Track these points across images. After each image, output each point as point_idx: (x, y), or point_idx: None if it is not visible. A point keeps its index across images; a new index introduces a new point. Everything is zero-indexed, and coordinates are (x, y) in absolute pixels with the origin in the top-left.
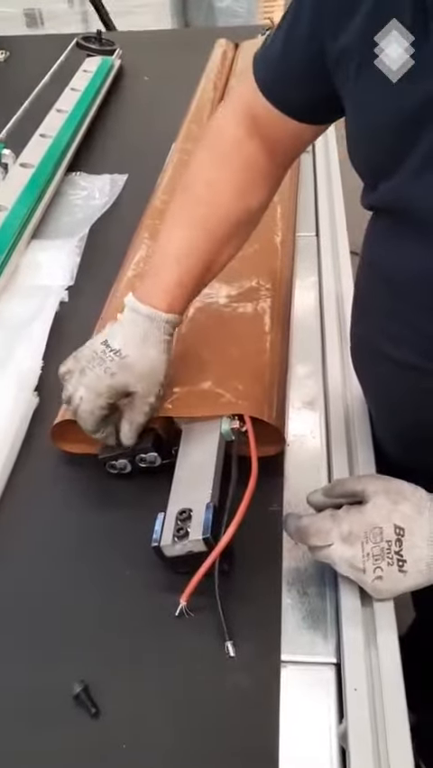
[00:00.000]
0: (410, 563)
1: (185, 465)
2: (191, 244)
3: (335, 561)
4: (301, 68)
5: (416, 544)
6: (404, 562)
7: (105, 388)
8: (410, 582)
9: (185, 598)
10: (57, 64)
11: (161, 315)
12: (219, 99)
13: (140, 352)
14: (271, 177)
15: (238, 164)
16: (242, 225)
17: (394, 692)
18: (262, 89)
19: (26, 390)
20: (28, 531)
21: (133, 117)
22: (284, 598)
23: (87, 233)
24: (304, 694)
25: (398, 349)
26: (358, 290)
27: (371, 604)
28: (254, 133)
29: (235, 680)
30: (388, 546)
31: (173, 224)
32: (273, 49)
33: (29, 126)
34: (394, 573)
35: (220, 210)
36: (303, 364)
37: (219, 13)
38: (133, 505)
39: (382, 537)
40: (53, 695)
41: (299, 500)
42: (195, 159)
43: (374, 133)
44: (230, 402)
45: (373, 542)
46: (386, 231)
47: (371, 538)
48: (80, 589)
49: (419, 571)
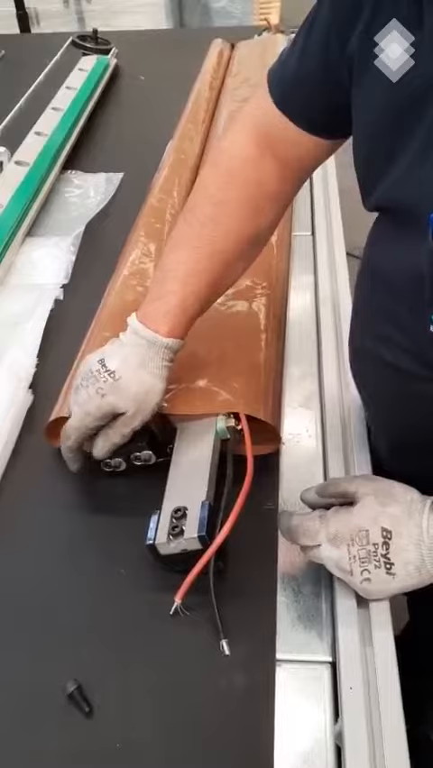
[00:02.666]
0: (399, 566)
1: (180, 463)
2: (197, 267)
3: (324, 561)
4: (317, 80)
5: (403, 547)
6: (392, 565)
7: (95, 408)
8: (400, 584)
9: (180, 596)
10: (52, 63)
11: (162, 341)
12: (215, 99)
13: (135, 376)
14: (281, 197)
15: (247, 183)
16: (249, 246)
17: (390, 691)
18: (278, 104)
19: (20, 388)
20: (21, 529)
21: (128, 116)
22: (279, 596)
23: (82, 232)
24: (299, 693)
25: (390, 351)
26: (355, 293)
27: (366, 603)
28: (266, 152)
29: (230, 678)
30: (375, 549)
31: (178, 245)
32: (288, 64)
33: (24, 124)
34: (382, 575)
35: (227, 231)
36: (299, 363)
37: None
38: (128, 503)
39: (368, 540)
40: (47, 694)
41: (294, 499)
42: (202, 178)
43: (373, 133)
44: (226, 400)
45: (359, 544)
46: (382, 231)
47: (357, 541)
48: (74, 587)
49: (408, 574)
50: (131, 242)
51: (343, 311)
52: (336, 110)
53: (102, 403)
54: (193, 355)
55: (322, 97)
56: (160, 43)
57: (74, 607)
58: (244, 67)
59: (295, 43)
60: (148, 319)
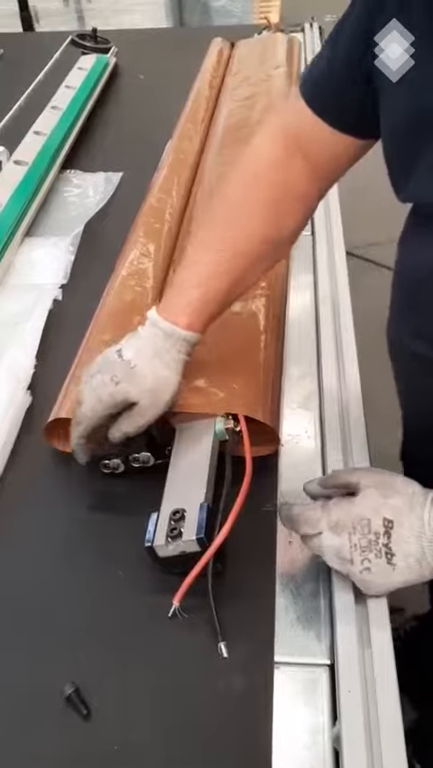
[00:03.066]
0: (399, 557)
1: (179, 465)
2: (218, 268)
3: (324, 551)
4: (346, 78)
5: (404, 538)
6: (393, 555)
7: (108, 395)
8: (401, 578)
9: (178, 598)
10: (52, 62)
11: (179, 333)
12: (215, 98)
13: (150, 366)
14: (308, 199)
15: (272, 186)
16: (273, 248)
17: (388, 694)
18: (308, 102)
19: (19, 389)
20: (19, 530)
21: (128, 115)
22: (278, 598)
23: (81, 232)
24: (297, 695)
25: (422, 344)
26: (392, 288)
27: (365, 605)
28: (296, 153)
29: (229, 681)
30: (376, 538)
31: (201, 245)
32: (319, 63)
33: (23, 124)
34: (383, 566)
35: (251, 234)
36: (298, 364)
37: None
38: (127, 504)
39: (369, 529)
40: (45, 696)
41: (293, 500)
42: (227, 181)
43: (394, 133)
44: (224, 400)
45: (360, 533)
46: (412, 227)
47: (358, 529)
48: (72, 589)
49: (408, 567)
50: (130, 242)
51: (342, 311)
52: (364, 109)
53: (115, 390)
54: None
55: (351, 96)
56: (159, 42)
57: (72, 609)
58: (244, 66)
59: (327, 42)
60: (167, 311)
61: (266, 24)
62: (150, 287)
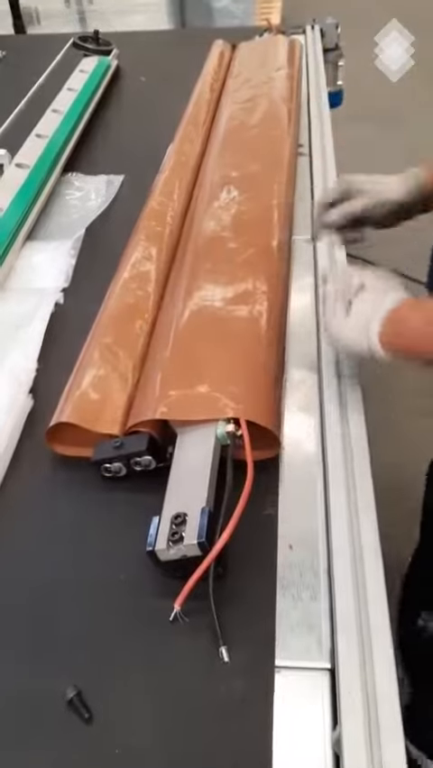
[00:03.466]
0: (354, 311)
1: (180, 469)
2: None
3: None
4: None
5: (366, 301)
6: (351, 307)
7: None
8: (350, 334)
9: (179, 602)
10: (53, 64)
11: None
12: (216, 101)
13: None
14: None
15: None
16: None
17: (388, 698)
18: None
19: (21, 393)
20: (21, 534)
21: (129, 118)
22: (278, 602)
23: (82, 235)
24: (298, 699)
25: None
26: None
27: (366, 609)
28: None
29: (230, 685)
30: (348, 290)
31: None
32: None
33: (25, 126)
34: (341, 313)
35: None
36: (299, 367)
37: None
38: (128, 508)
39: (351, 284)
40: (46, 700)
41: (294, 505)
42: None
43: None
44: (226, 406)
45: (343, 284)
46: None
47: (342, 281)
48: (74, 593)
49: (357, 323)
50: (131, 245)
51: None
52: None
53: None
54: (194, 360)
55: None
56: (161, 44)
57: (74, 613)
58: (245, 68)
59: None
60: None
61: (267, 26)
62: (151, 290)
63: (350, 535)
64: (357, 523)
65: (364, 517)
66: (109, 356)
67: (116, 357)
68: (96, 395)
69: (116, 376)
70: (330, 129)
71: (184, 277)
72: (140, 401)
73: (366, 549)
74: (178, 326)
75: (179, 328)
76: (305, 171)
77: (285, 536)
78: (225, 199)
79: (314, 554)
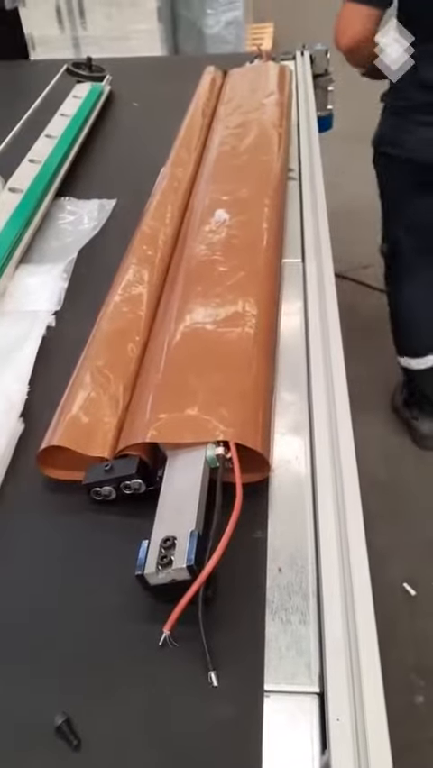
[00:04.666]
0: None
1: (169, 492)
2: None
3: None
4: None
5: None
6: None
7: None
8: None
9: (168, 627)
10: (47, 90)
11: None
12: (208, 126)
13: None
14: None
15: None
16: None
17: (377, 723)
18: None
19: (12, 416)
20: (11, 558)
21: (122, 143)
22: (267, 626)
23: (75, 258)
24: (287, 724)
25: None
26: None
27: (355, 633)
28: None
29: (219, 710)
30: None
31: None
32: None
33: (18, 151)
34: None
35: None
36: (288, 389)
37: (209, 40)
38: (118, 532)
39: None
40: (34, 727)
41: (283, 527)
42: None
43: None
44: (216, 428)
45: None
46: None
47: None
48: (63, 617)
49: None
50: (123, 269)
51: (332, 336)
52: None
53: None
54: (184, 383)
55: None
56: (153, 70)
57: (63, 638)
58: (236, 94)
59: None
60: None
61: (258, 53)
62: (143, 313)
63: (339, 558)
64: (347, 545)
65: (354, 539)
66: (100, 379)
67: (107, 380)
68: (87, 418)
69: (107, 399)
70: (319, 153)
71: (175, 300)
72: (130, 424)
73: (355, 572)
74: (168, 349)
75: (170, 351)
76: (295, 194)
77: (274, 559)
78: (216, 223)
79: (303, 577)
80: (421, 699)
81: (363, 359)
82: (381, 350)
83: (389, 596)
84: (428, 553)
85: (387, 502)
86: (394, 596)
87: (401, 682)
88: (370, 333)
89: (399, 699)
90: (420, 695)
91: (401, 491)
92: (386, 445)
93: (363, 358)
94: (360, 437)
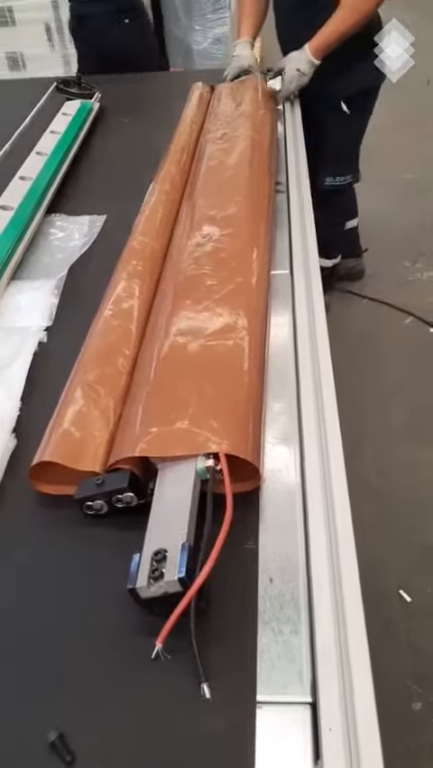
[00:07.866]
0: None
1: (161, 505)
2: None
3: None
4: None
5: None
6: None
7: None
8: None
9: (160, 640)
10: (37, 107)
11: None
12: (196, 141)
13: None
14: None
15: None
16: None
17: (369, 732)
18: None
19: (4, 432)
20: (4, 572)
21: (111, 159)
22: (259, 637)
23: (65, 274)
24: (280, 734)
25: None
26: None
27: (346, 643)
28: None
29: (211, 722)
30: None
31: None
32: None
33: (9, 168)
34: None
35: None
36: (278, 400)
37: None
38: (110, 546)
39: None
40: (27, 743)
41: (274, 537)
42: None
43: None
44: (206, 441)
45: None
46: None
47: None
48: (55, 632)
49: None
50: (113, 284)
51: (320, 346)
52: None
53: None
54: (174, 397)
55: None
56: (142, 86)
57: (55, 652)
58: (224, 109)
59: None
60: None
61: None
62: (133, 327)
63: (330, 567)
64: (337, 554)
65: (344, 548)
66: (91, 393)
67: (98, 394)
68: (78, 433)
69: (98, 413)
70: (306, 166)
71: (165, 313)
72: (121, 438)
73: (346, 580)
74: (158, 363)
75: (160, 365)
76: (283, 207)
77: (265, 570)
78: (206, 237)
79: (294, 587)
80: (419, 705)
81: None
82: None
83: (385, 602)
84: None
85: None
86: (391, 602)
87: (399, 689)
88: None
89: (396, 706)
90: (418, 701)
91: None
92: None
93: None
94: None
